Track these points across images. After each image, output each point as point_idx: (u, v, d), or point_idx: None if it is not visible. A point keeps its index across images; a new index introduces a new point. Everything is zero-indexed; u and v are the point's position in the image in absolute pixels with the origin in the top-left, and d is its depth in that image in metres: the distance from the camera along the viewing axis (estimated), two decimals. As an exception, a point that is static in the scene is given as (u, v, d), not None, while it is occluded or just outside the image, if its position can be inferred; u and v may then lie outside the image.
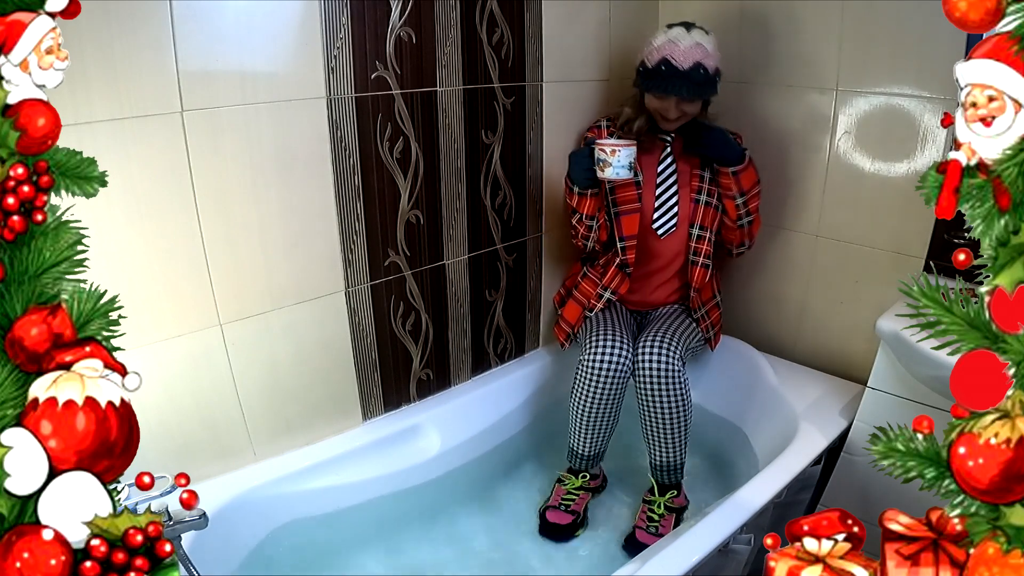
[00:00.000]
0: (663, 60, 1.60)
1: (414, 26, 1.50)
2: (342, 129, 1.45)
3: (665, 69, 1.60)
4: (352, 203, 1.51)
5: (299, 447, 1.57)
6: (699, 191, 1.76)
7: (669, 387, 1.64)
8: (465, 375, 1.91)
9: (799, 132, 1.85)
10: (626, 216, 1.76)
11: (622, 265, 1.79)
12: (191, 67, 1.21)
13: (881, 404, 1.58)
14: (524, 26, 1.72)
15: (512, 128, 1.78)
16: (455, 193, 1.71)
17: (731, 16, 1.89)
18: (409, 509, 1.70)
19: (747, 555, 1.44)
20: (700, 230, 1.77)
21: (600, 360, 1.66)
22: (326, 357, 1.58)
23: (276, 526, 1.51)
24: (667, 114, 1.66)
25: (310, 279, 1.50)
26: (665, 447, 1.70)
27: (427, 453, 1.75)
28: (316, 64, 1.37)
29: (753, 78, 1.90)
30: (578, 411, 1.72)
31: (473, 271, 1.82)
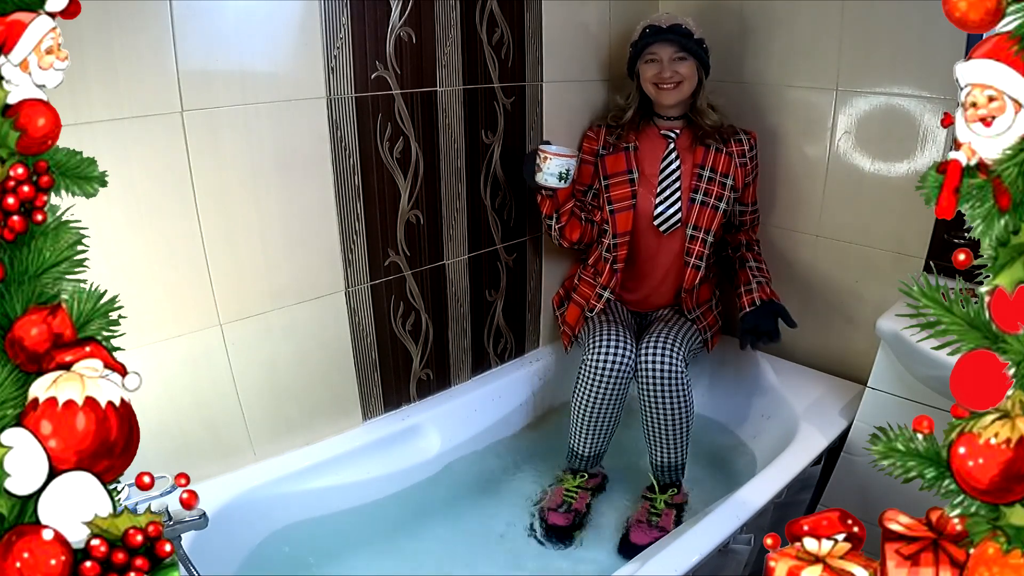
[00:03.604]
0: (646, 26, 1.71)
1: (414, 26, 1.50)
2: (342, 129, 1.45)
3: (649, 31, 1.69)
4: (352, 203, 1.51)
5: (299, 447, 1.57)
6: (695, 190, 1.76)
7: (672, 388, 1.64)
8: (465, 375, 1.91)
9: (799, 132, 1.85)
10: (620, 213, 1.77)
11: (611, 262, 1.80)
12: (191, 67, 1.21)
13: (881, 404, 1.58)
14: (524, 26, 1.72)
15: (512, 128, 1.78)
16: (455, 193, 1.71)
17: (731, 16, 1.89)
18: (409, 509, 1.69)
19: (747, 555, 1.44)
20: (694, 230, 1.77)
21: (604, 360, 1.66)
22: (326, 357, 1.58)
23: (276, 526, 1.51)
24: (662, 78, 1.68)
25: (310, 279, 1.50)
26: (666, 447, 1.70)
27: (427, 453, 1.75)
28: (316, 64, 1.37)
29: (753, 78, 1.90)
30: (580, 410, 1.71)
31: (473, 271, 1.82)
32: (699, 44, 1.69)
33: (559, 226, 1.77)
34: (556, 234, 1.80)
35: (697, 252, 1.78)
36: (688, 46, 1.66)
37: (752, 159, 1.79)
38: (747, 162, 1.78)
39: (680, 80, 1.68)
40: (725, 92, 1.86)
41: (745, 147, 1.77)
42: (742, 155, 1.77)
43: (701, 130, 1.75)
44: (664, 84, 1.69)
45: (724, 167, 1.76)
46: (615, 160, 1.78)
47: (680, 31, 1.66)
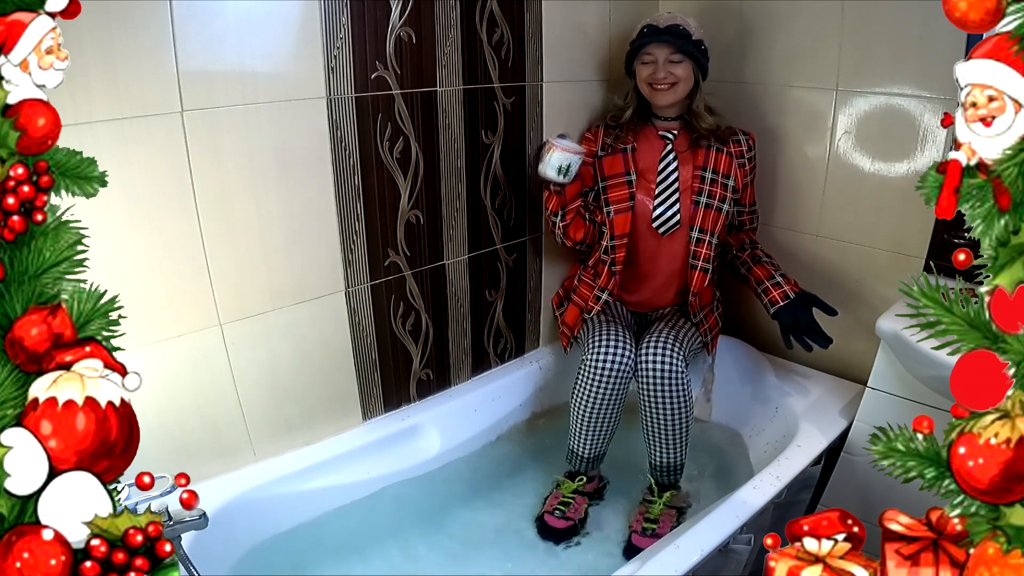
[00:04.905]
0: (644, 26, 1.70)
1: (414, 26, 1.50)
2: (342, 129, 1.45)
3: (647, 30, 1.69)
4: (352, 203, 1.51)
5: (299, 447, 1.57)
6: (699, 192, 1.76)
7: (672, 388, 1.64)
8: (465, 375, 1.91)
9: (799, 132, 1.85)
10: (618, 215, 1.77)
11: (610, 264, 1.80)
12: (191, 67, 1.21)
13: (881, 404, 1.58)
14: (524, 26, 1.72)
15: (512, 128, 1.78)
16: (455, 193, 1.71)
17: (731, 16, 1.89)
18: (409, 509, 1.69)
19: (747, 555, 1.44)
20: (700, 232, 1.77)
21: (603, 360, 1.66)
22: (326, 357, 1.58)
23: (276, 526, 1.51)
24: (656, 78, 1.67)
25: (310, 279, 1.50)
26: (666, 448, 1.70)
27: (427, 453, 1.75)
28: (316, 64, 1.37)
29: (753, 78, 1.90)
30: (580, 411, 1.71)
31: (473, 271, 1.82)
32: (697, 46, 1.68)
33: (564, 224, 1.77)
34: (560, 232, 1.80)
35: (704, 255, 1.78)
36: (685, 48, 1.65)
37: (751, 160, 1.79)
38: (746, 163, 1.78)
39: (675, 81, 1.68)
40: (725, 92, 1.86)
41: (744, 148, 1.77)
42: (741, 156, 1.77)
43: (698, 132, 1.75)
44: (658, 85, 1.68)
45: (725, 168, 1.76)
46: (613, 162, 1.78)
47: (678, 32, 1.66)
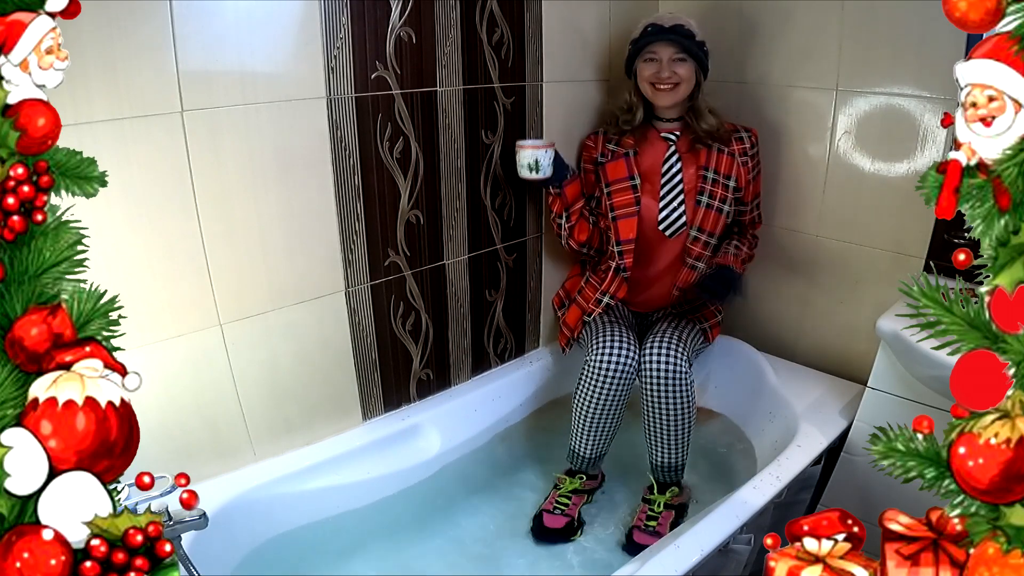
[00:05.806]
0: (648, 25, 1.70)
1: (414, 26, 1.50)
2: (342, 129, 1.45)
3: (651, 29, 1.68)
4: (352, 203, 1.51)
5: (299, 447, 1.57)
6: (701, 192, 1.76)
7: (675, 388, 1.64)
8: (465, 375, 1.91)
9: (799, 132, 1.85)
10: (623, 220, 1.76)
11: (619, 269, 1.79)
12: (191, 67, 1.21)
13: (881, 404, 1.58)
14: (524, 26, 1.72)
15: (512, 128, 1.78)
16: (455, 193, 1.71)
17: (730, 16, 1.89)
18: (409, 509, 1.69)
19: (747, 555, 1.44)
20: (698, 232, 1.77)
21: (607, 360, 1.66)
22: (326, 357, 1.58)
23: (276, 526, 1.51)
24: (660, 78, 1.67)
25: (310, 279, 1.50)
26: (668, 447, 1.70)
27: (427, 453, 1.75)
28: (316, 64, 1.37)
29: (753, 78, 1.90)
30: (582, 411, 1.71)
31: (473, 271, 1.82)
32: (700, 46, 1.68)
33: (569, 226, 1.77)
34: (565, 234, 1.80)
35: (697, 253, 1.78)
36: (689, 47, 1.65)
37: (753, 156, 1.79)
38: (748, 160, 1.78)
39: (678, 81, 1.68)
40: (725, 92, 1.86)
41: (746, 144, 1.77)
42: (743, 153, 1.77)
43: (698, 133, 1.75)
44: (661, 84, 1.68)
45: (727, 168, 1.75)
46: (615, 167, 1.78)
47: (682, 32, 1.66)
